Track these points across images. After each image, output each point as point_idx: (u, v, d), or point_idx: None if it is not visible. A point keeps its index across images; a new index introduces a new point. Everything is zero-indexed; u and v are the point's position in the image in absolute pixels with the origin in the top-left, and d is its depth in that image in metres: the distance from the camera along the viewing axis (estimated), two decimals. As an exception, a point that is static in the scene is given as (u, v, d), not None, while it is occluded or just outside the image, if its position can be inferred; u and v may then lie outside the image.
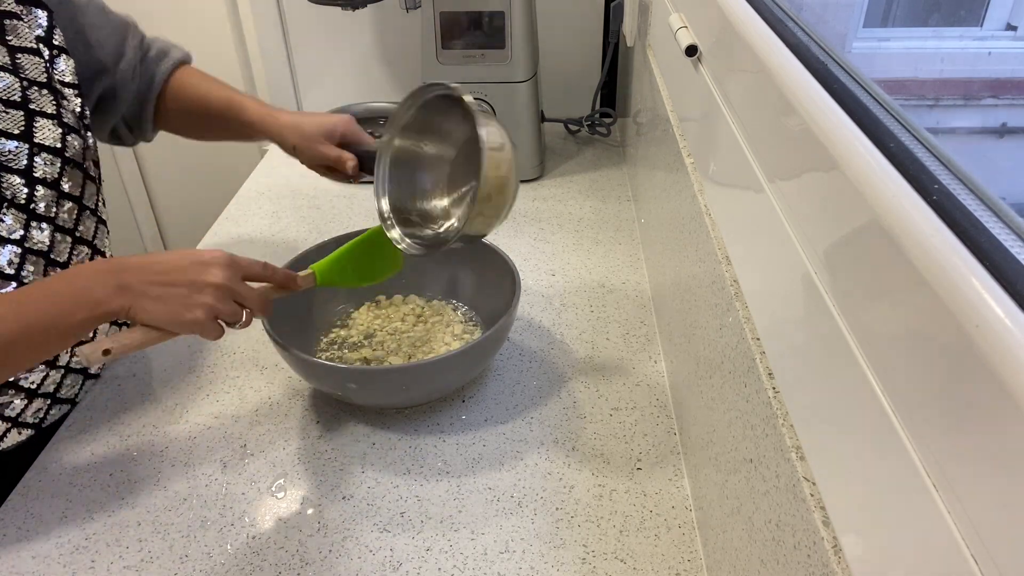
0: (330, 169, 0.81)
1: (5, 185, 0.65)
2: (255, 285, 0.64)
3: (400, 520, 0.65)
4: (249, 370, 0.82)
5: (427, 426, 0.74)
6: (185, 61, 0.88)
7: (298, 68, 1.41)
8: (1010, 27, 0.70)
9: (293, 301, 0.73)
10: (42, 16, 0.70)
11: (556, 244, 1.04)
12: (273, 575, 0.61)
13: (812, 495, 0.38)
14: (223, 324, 0.61)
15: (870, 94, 0.42)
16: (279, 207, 1.16)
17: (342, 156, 0.79)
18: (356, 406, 0.77)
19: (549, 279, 0.97)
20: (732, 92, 0.58)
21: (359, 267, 0.74)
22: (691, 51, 0.70)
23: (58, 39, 0.71)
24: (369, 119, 1.30)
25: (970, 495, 0.25)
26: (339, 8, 1.20)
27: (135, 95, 0.83)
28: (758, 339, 0.48)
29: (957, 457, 0.26)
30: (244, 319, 0.62)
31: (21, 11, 0.68)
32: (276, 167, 1.28)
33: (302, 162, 0.82)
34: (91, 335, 0.75)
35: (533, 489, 0.67)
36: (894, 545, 0.30)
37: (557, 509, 0.66)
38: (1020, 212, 0.30)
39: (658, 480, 0.68)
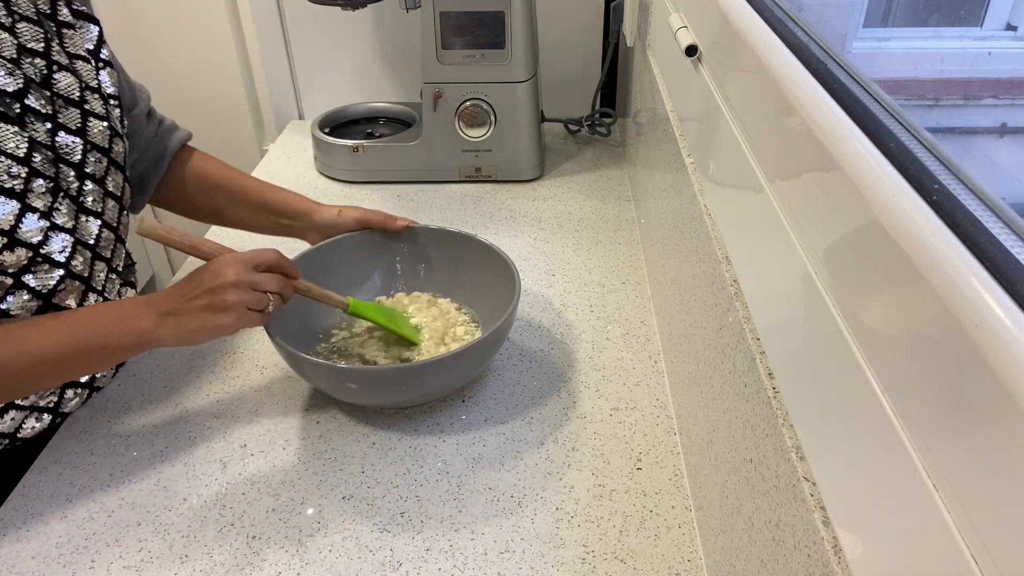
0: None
1: (62, 176, 0.69)
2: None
3: (400, 520, 0.65)
4: (249, 370, 0.82)
5: (427, 426, 0.74)
6: (189, 138, 0.91)
7: (298, 68, 1.41)
8: (1010, 27, 0.70)
9: (293, 301, 0.73)
10: (93, 30, 0.76)
11: (556, 244, 1.04)
12: (273, 575, 0.61)
13: (812, 495, 0.38)
14: (260, 311, 0.67)
15: (870, 94, 0.42)
16: (279, 207, 1.15)
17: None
18: (356, 406, 0.77)
19: (549, 279, 0.97)
20: (732, 92, 0.58)
21: (392, 318, 0.81)
22: (691, 51, 0.70)
23: (105, 54, 0.77)
24: (369, 119, 1.30)
25: (970, 495, 0.25)
26: (339, 8, 1.20)
27: (143, 155, 0.85)
28: (758, 339, 0.48)
29: (957, 457, 0.26)
30: (273, 300, 0.68)
31: (76, 23, 0.75)
32: (276, 167, 1.28)
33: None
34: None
35: (533, 489, 0.67)
36: (894, 545, 0.30)
37: (557, 509, 0.66)
38: (1020, 212, 0.30)
39: (658, 480, 0.68)
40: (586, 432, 0.73)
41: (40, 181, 0.66)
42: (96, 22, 0.77)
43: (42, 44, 0.69)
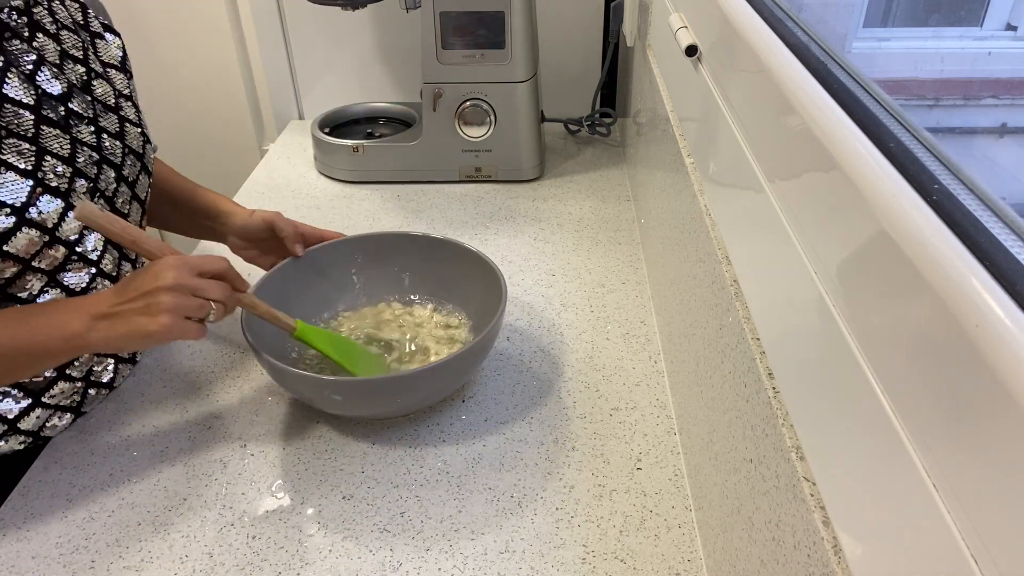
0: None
1: (103, 177, 0.70)
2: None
3: (400, 520, 0.65)
4: (249, 370, 0.82)
5: (427, 426, 0.74)
6: (155, 150, 0.91)
7: (298, 68, 1.41)
8: (1010, 27, 0.70)
9: (281, 309, 0.72)
10: (118, 41, 0.79)
11: (556, 244, 1.04)
12: (273, 575, 0.61)
13: (812, 495, 0.38)
14: (200, 322, 0.63)
15: (870, 94, 0.42)
16: (279, 207, 1.15)
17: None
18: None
19: (549, 279, 0.97)
20: (732, 92, 0.58)
21: (342, 349, 0.77)
22: (691, 51, 0.70)
23: (129, 64, 0.80)
24: (369, 119, 1.30)
25: (970, 495, 0.25)
26: (339, 8, 1.20)
27: None
28: (758, 339, 0.48)
29: (957, 457, 0.26)
30: (215, 311, 0.64)
31: (105, 34, 0.78)
32: (276, 167, 1.29)
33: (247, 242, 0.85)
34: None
35: (533, 489, 0.67)
36: (894, 545, 0.30)
37: (557, 509, 0.66)
38: (1020, 212, 0.30)
39: (658, 480, 0.68)
40: (586, 432, 0.73)
41: (82, 181, 0.67)
42: (119, 35, 0.79)
43: (81, 52, 0.72)
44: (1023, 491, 0.23)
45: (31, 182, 0.62)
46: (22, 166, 0.61)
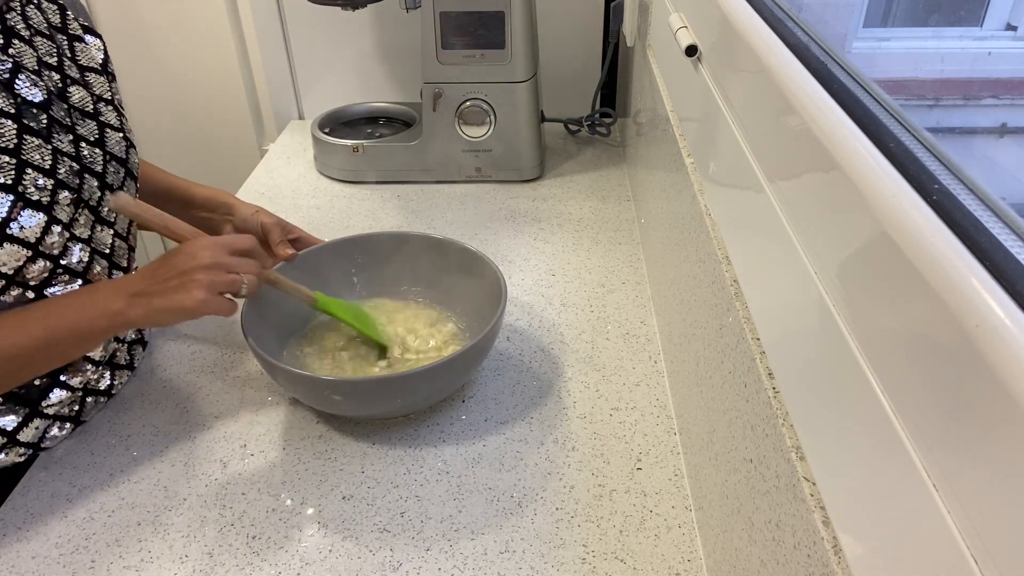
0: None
1: (85, 187, 0.70)
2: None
3: (400, 520, 0.65)
4: (249, 370, 0.82)
5: (427, 426, 0.74)
6: None
7: (298, 68, 1.41)
8: (1010, 27, 0.70)
9: (280, 308, 0.72)
10: (99, 43, 0.78)
11: (556, 244, 1.04)
12: (273, 575, 0.61)
13: (812, 495, 0.38)
14: (231, 298, 0.66)
15: (870, 94, 0.42)
16: (279, 207, 1.16)
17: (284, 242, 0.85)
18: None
19: (549, 279, 0.97)
20: (732, 92, 0.58)
21: (359, 317, 0.81)
22: (691, 51, 0.70)
23: (111, 67, 0.79)
24: (369, 119, 1.30)
25: (970, 495, 0.25)
26: (339, 8, 1.20)
27: None
28: (758, 339, 0.48)
29: (957, 457, 0.26)
30: (247, 285, 0.67)
31: (84, 36, 0.77)
32: (276, 167, 1.29)
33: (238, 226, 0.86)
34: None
35: (533, 489, 0.67)
36: (894, 545, 0.30)
37: (557, 509, 0.66)
38: (1020, 212, 0.30)
39: (658, 480, 0.68)
40: (586, 432, 0.73)
41: (65, 193, 0.66)
42: (99, 36, 0.79)
43: (56, 59, 0.71)
44: (1023, 491, 0.23)
45: (11, 197, 0.61)
46: (1, 180, 0.61)
